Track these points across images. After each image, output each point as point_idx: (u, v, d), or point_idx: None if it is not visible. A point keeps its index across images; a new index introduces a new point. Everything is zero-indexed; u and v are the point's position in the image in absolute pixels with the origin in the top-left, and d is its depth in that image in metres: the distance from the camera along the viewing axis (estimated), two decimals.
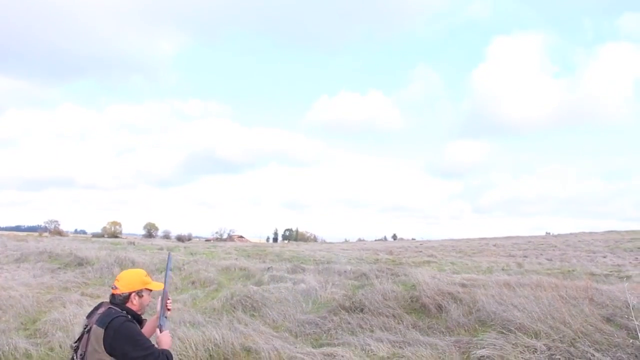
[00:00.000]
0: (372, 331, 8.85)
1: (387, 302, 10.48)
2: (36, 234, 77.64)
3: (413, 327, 9.09)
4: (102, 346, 2.86)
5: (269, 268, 17.74)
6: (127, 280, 3.21)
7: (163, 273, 16.30)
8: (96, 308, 3.16)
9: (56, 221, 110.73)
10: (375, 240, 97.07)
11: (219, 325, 8.71)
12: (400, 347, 7.83)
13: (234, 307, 10.95)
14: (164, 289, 3.41)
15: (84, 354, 2.93)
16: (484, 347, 7.52)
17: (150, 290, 3.29)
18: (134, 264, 18.16)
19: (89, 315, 3.13)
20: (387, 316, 9.79)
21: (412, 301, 10.70)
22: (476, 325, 9.03)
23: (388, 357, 7.52)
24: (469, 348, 7.72)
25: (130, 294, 3.18)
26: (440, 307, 10.19)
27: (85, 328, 3.03)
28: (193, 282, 15.08)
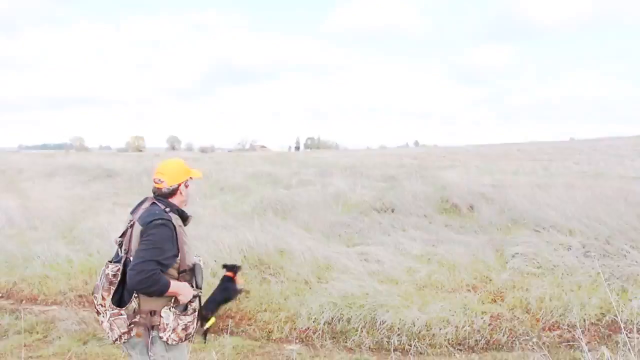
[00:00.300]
0: (404, 230, 8.84)
1: (418, 203, 10.41)
2: (63, 151, 78.92)
3: (445, 226, 9.07)
4: None
5: (296, 173, 17.70)
6: (173, 172, 3.00)
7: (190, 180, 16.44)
8: (140, 203, 3.02)
9: (81, 138, 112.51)
10: (398, 147, 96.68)
11: (251, 228, 8.74)
12: (433, 245, 7.82)
13: (265, 211, 11.01)
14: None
15: (128, 249, 2.85)
16: (517, 245, 7.47)
17: (192, 179, 3.11)
18: None
19: (133, 211, 3.00)
20: (418, 216, 9.76)
21: (442, 201, 10.63)
22: (509, 224, 8.95)
23: (422, 255, 7.52)
24: (503, 246, 7.67)
25: (178, 186, 3.01)
26: (471, 207, 10.11)
27: (129, 223, 2.92)
28: (222, 189, 15.18)
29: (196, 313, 2.96)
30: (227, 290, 5.91)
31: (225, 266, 6.20)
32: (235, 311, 6.11)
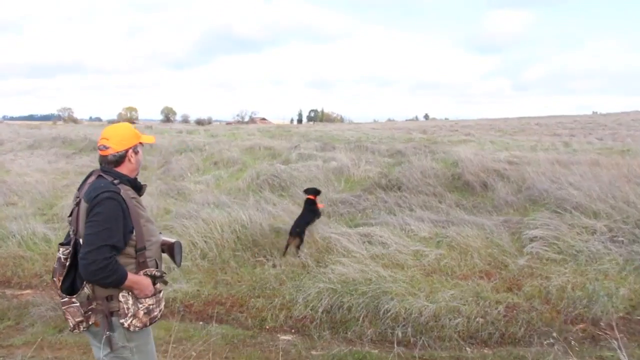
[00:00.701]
0: (411, 210, 8.61)
1: (427, 180, 10.18)
2: (50, 122, 78.60)
3: (456, 206, 8.84)
4: None
5: (296, 146, 17.48)
6: (119, 137, 2.73)
7: (182, 154, 16.24)
8: (87, 178, 2.80)
9: (69, 109, 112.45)
10: (406, 120, 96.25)
11: (246, 206, 8.55)
12: (443, 226, 7.59)
13: (261, 187, 10.81)
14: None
15: (76, 230, 2.63)
16: (536, 228, 7.23)
17: (142, 144, 2.85)
18: (151, 146, 18.03)
19: (80, 187, 2.77)
20: (427, 194, 9.53)
21: (454, 179, 10.40)
22: (526, 205, 8.72)
23: (430, 238, 7.31)
24: (520, 228, 7.44)
25: (127, 151, 2.73)
26: (485, 185, 9.87)
27: (75, 201, 2.69)
28: (215, 163, 14.95)
29: (161, 294, 2.77)
30: (313, 211, 7.44)
31: (306, 190, 7.88)
32: (225, 297, 5.96)
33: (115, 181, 2.62)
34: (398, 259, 6.51)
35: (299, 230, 7.07)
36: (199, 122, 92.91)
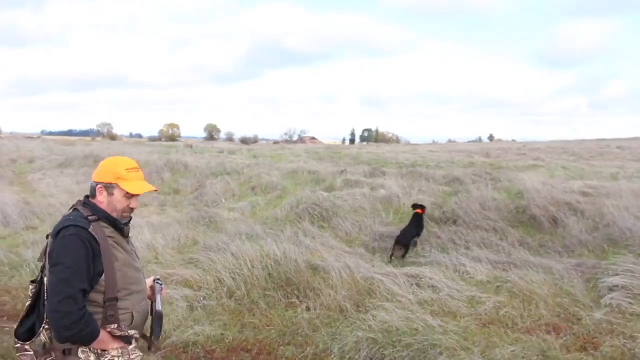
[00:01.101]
0: (467, 248, 8.22)
1: (487, 213, 9.75)
2: (89, 138, 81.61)
3: (520, 245, 8.40)
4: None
5: (342, 171, 17.28)
6: (100, 167, 2.65)
7: (219, 177, 16.28)
8: (70, 208, 2.68)
9: (109, 124, 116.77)
10: (468, 142, 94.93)
11: (281, 239, 8.36)
12: (504, 269, 7.18)
13: (300, 217, 10.61)
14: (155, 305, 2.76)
15: (43, 266, 2.49)
16: (617, 274, 6.71)
17: (130, 195, 2.59)
18: (186, 168, 18.27)
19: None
20: (486, 230, 9.11)
21: (518, 212, 9.93)
22: (604, 246, 8.18)
23: (489, 282, 6.89)
24: (596, 274, 6.94)
25: (97, 185, 2.58)
26: (555, 221, 9.36)
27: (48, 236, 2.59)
28: (253, 188, 14.91)
29: (133, 348, 2.57)
30: (419, 224, 8.68)
31: (414, 205, 9.29)
32: (252, 342, 5.74)
33: (91, 217, 2.49)
34: (450, 305, 6.15)
35: (406, 242, 8.27)
36: (244, 141, 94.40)
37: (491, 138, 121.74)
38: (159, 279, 2.94)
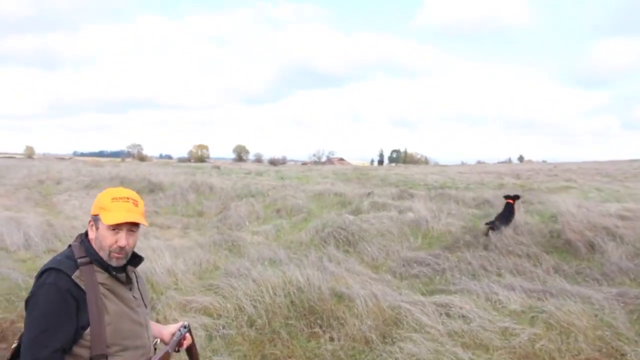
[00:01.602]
0: (499, 275, 7.87)
1: (519, 238, 9.40)
2: (118, 159, 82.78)
3: (555, 272, 8.01)
4: None
5: (369, 193, 17.02)
6: (95, 200, 2.32)
7: (244, 199, 16.13)
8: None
9: (139, 145, 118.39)
10: (498, 163, 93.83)
11: (305, 264, 8.11)
12: (539, 298, 6.80)
13: (325, 241, 10.36)
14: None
15: None
16: None
17: (113, 228, 2.19)
18: (211, 190, 18.19)
19: None
20: (519, 255, 8.74)
21: (552, 237, 9.55)
22: None
23: (523, 312, 6.51)
24: None
25: (90, 219, 2.28)
26: (592, 246, 8.95)
27: None
28: (278, 211, 14.74)
29: None
30: (511, 212, 9.88)
31: (506, 196, 10.57)
32: None
33: (81, 258, 2.17)
34: (481, 337, 5.80)
35: (497, 224, 9.74)
36: (272, 162, 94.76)
37: (521, 159, 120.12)
38: (186, 325, 2.66)
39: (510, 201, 10.18)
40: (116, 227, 2.18)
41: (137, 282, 2.41)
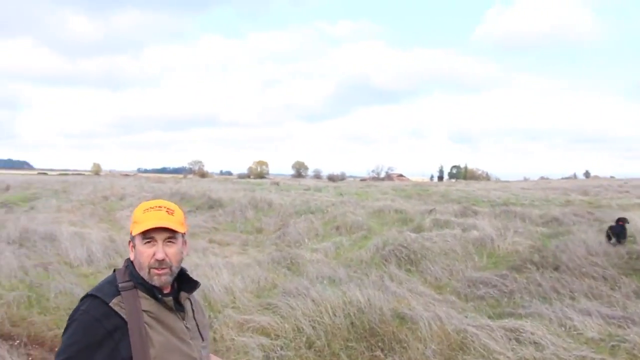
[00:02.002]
0: (573, 298, 7.38)
1: (593, 259, 8.82)
2: (180, 176, 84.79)
3: (637, 297, 7.44)
4: None
5: (431, 210, 16.61)
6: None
7: (302, 216, 15.99)
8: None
9: (200, 162, 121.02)
10: (562, 179, 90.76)
11: (365, 283, 7.87)
12: (619, 325, 6.31)
13: (386, 260, 10.08)
14: None
15: None
16: None
17: (146, 238, 1.97)
18: (270, 206, 18.16)
19: None
20: (594, 278, 8.19)
21: (631, 258, 8.94)
22: None
23: (601, 340, 6.03)
24: None
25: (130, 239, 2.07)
26: None
27: None
28: (337, 228, 14.52)
29: None
30: (623, 231, 9.87)
31: (618, 219, 10.38)
32: None
33: (124, 283, 1.96)
34: None
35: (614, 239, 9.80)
36: (331, 178, 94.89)
37: (587, 174, 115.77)
38: None
39: (621, 222, 10.14)
40: (150, 239, 1.95)
41: (193, 310, 2.14)
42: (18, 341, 6.50)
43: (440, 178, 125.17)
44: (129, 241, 2.06)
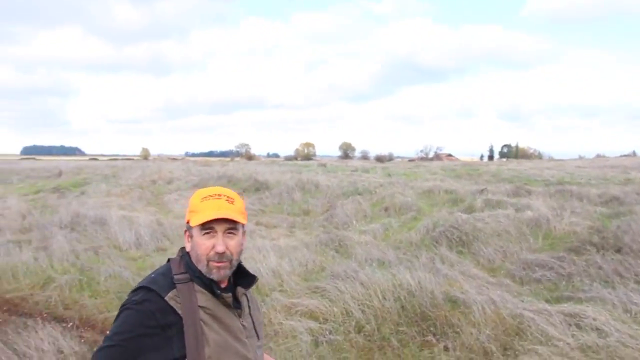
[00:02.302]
0: (638, 282, 6.98)
1: None
2: (227, 159, 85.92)
3: None
4: None
5: (482, 190, 16.24)
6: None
7: (350, 197, 15.84)
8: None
9: (247, 145, 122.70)
10: (621, 156, 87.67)
11: (415, 266, 7.69)
12: None
13: (436, 241, 9.86)
14: None
15: None
16: None
17: (205, 229, 1.84)
18: (317, 188, 18.10)
19: None
20: None
21: None
22: None
23: None
24: None
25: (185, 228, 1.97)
26: None
27: None
28: (386, 209, 14.33)
29: None
30: None
31: None
32: None
33: (179, 275, 1.85)
34: (622, 354, 5.12)
35: None
36: (379, 159, 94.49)
37: None
38: None
39: None
40: (209, 229, 1.83)
41: (249, 307, 2.03)
42: (71, 323, 6.64)
43: (491, 157, 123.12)
44: (185, 230, 1.95)
